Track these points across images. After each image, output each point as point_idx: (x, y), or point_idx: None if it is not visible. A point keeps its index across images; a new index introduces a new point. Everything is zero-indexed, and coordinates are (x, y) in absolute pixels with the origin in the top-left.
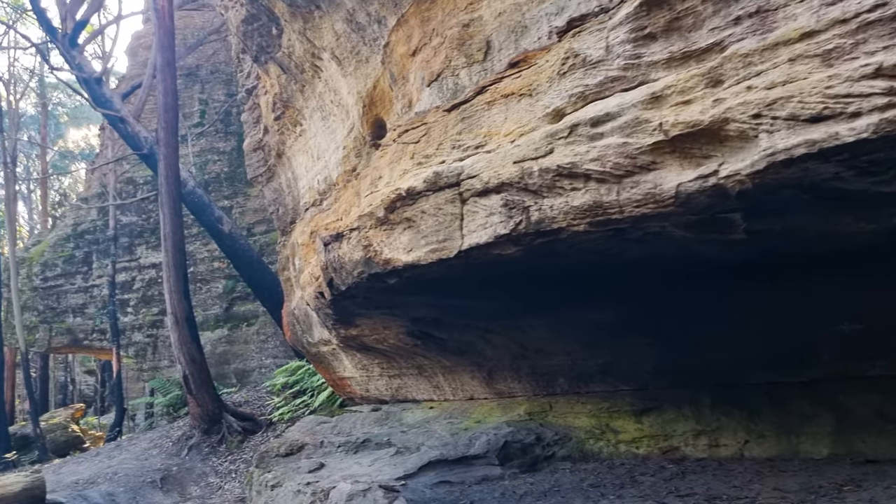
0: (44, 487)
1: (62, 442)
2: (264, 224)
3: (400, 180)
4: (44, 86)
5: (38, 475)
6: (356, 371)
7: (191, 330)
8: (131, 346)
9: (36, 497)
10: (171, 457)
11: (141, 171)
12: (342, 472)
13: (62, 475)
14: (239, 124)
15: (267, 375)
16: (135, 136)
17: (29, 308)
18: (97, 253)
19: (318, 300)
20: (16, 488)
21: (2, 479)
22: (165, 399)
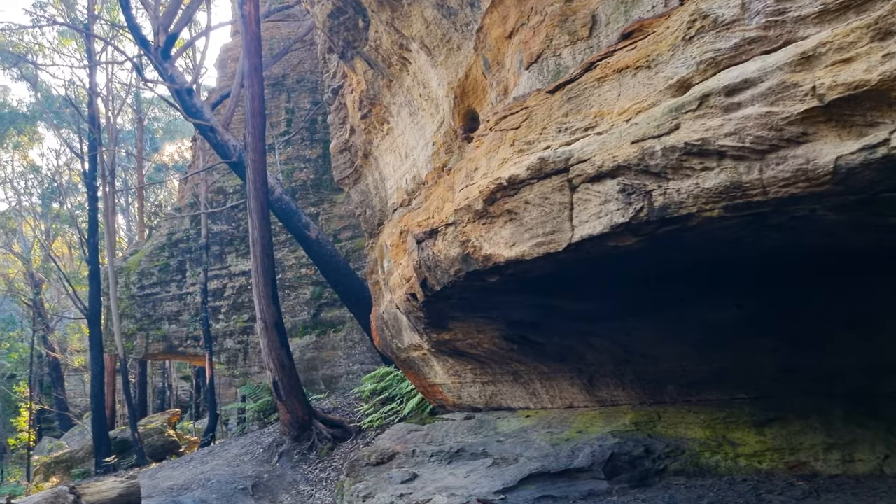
0: (139, 493)
1: (159, 446)
2: (350, 230)
3: (499, 170)
4: (140, 101)
5: (133, 481)
6: (448, 377)
7: (280, 336)
8: (223, 353)
9: (131, 503)
10: (262, 463)
11: (231, 181)
12: (436, 483)
13: (158, 480)
14: (324, 132)
15: (355, 382)
16: (224, 144)
17: (127, 316)
18: (190, 261)
19: (409, 303)
20: (112, 494)
21: (98, 486)
22: (256, 405)
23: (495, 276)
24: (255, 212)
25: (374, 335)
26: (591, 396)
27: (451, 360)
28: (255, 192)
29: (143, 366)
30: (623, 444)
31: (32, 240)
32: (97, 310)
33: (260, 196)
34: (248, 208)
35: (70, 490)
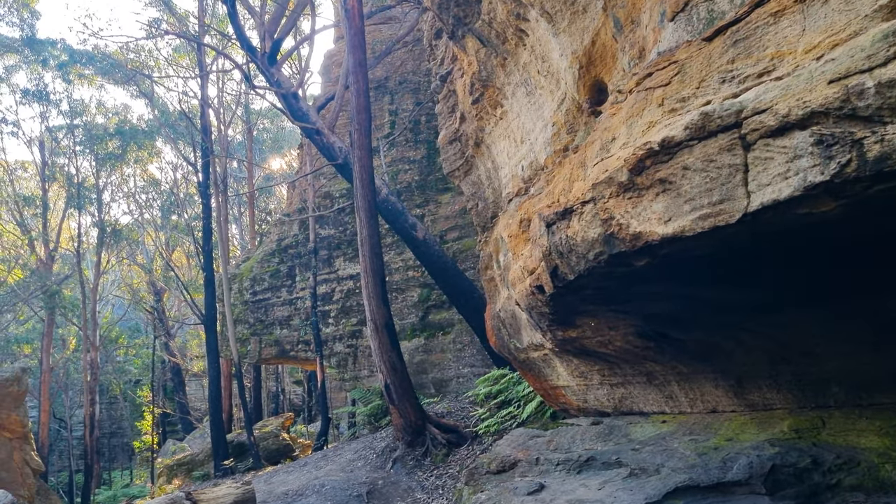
0: (254, 500)
1: (274, 450)
2: (457, 231)
3: (646, 135)
4: (249, 112)
5: (248, 487)
6: (572, 379)
7: (390, 337)
8: (333, 357)
9: None
10: (376, 469)
11: (337, 185)
12: (567, 496)
13: (273, 485)
14: (428, 132)
15: (465, 385)
16: (329, 146)
17: (241, 321)
18: (299, 266)
19: (533, 297)
20: (228, 501)
21: (214, 492)
22: (367, 409)
23: (644, 258)
24: (362, 210)
25: (488, 335)
26: (740, 400)
27: (575, 360)
28: (363, 189)
29: (257, 370)
30: (785, 455)
31: (153, 251)
32: (213, 316)
33: (367, 194)
34: (356, 207)
35: (186, 496)
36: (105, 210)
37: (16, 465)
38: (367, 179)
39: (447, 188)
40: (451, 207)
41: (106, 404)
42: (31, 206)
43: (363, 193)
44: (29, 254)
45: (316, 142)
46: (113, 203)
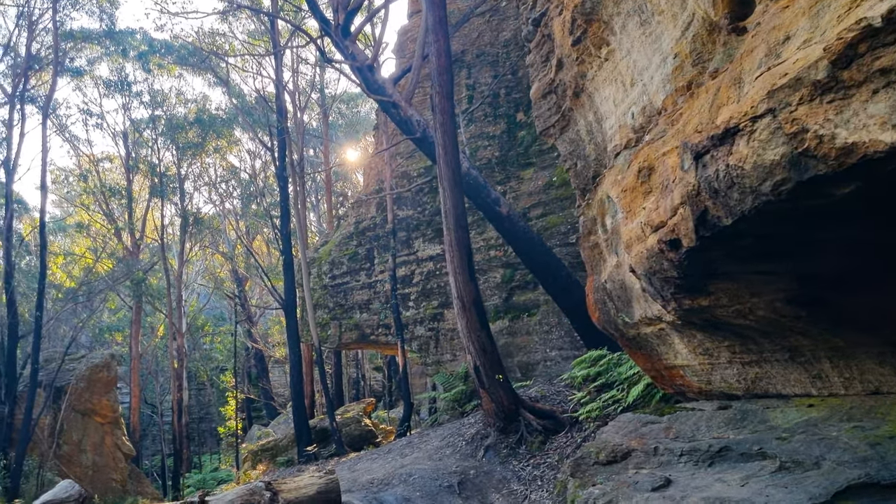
0: (338, 490)
1: (356, 435)
2: (540, 207)
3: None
4: (324, 97)
5: (331, 476)
6: (694, 357)
7: (479, 315)
8: (414, 340)
9: (331, 501)
10: (467, 458)
11: (414, 164)
12: (702, 493)
13: (357, 473)
14: (507, 106)
15: (553, 369)
16: (407, 120)
17: (321, 306)
18: (378, 248)
19: (657, 258)
20: (310, 491)
21: (296, 481)
22: (450, 394)
23: (851, 183)
24: (445, 179)
25: (590, 310)
26: None
27: (700, 334)
28: (445, 157)
29: (337, 356)
30: None
31: (235, 239)
32: (292, 300)
33: (450, 161)
34: (438, 176)
35: (266, 486)
36: (187, 199)
37: (108, 448)
38: (449, 146)
39: (529, 163)
40: (533, 183)
41: (195, 390)
42: (117, 197)
43: (446, 161)
44: (116, 243)
45: (392, 115)
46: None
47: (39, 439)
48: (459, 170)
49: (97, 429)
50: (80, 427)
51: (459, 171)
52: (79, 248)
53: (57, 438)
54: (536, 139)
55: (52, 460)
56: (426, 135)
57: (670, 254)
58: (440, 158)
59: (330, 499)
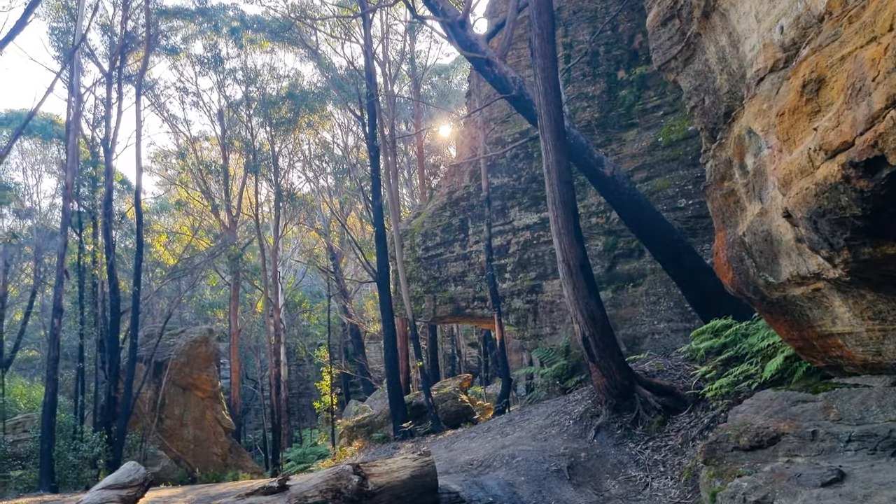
0: (434, 474)
1: (453, 412)
2: (644, 170)
3: None
4: (414, 67)
5: (426, 458)
6: (860, 322)
7: (587, 280)
8: (511, 314)
9: (426, 486)
10: (575, 438)
11: (509, 130)
12: (893, 490)
13: (454, 452)
14: (607, 64)
15: (661, 342)
16: (502, 77)
17: (414, 279)
18: (472, 218)
19: (833, 193)
20: (403, 475)
21: (388, 464)
22: (550, 370)
23: None
24: (547, 131)
25: (721, 271)
26: None
27: (871, 294)
28: (546, 105)
29: (433, 331)
30: None
31: (329, 216)
32: (385, 273)
33: (552, 110)
34: (540, 127)
35: (354, 470)
36: (282, 176)
37: (208, 423)
38: (551, 93)
39: (632, 124)
40: (637, 145)
41: (294, 366)
42: (214, 175)
43: (547, 110)
44: (214, 220)
45: (486, 74)
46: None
47: (141, 413)
48: (562, 119)
49: (198, 403)
50: (181, 401)
51: (562, 121)
52: (182, 227)
53: (159, 413)
54: (639, 98)
55: (154, 434)
56: (522, 92)
57: (860, 182)
58: (540, 108)
59: (425, 483)
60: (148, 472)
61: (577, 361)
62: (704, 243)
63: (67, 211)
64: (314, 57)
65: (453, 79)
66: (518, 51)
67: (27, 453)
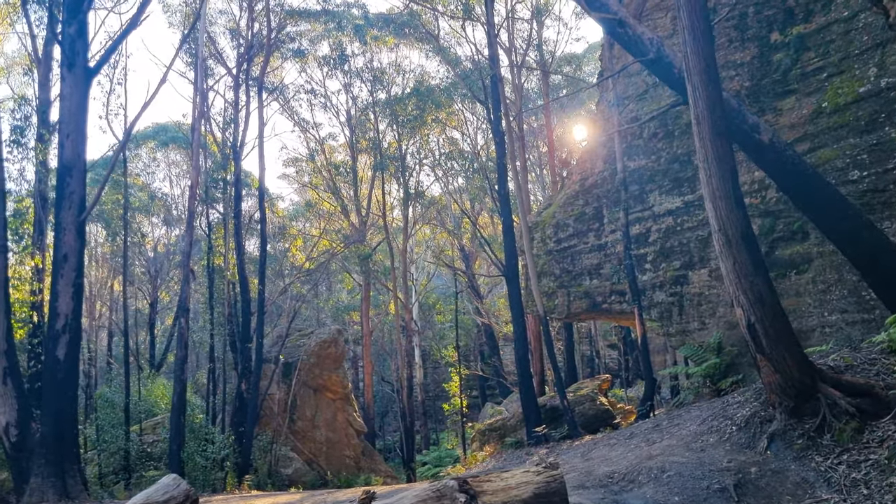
0: (564, 492)
1: (591, 415)
2: (807, 141)
3: None
4: (542, 53)
5: (553, 473)
6: None
7: (751, 253)
8: (653, 308)
9: None
10: (741, 449)
11: (646, 106)
12: None
13: (592, 462)
14: (758, 27)
15: (834, 336)
16: (637, 39)
17: (545, 273)
18: (607, 206)
19: None
20: (524, 493)
21: (504, 479)
22: (701, 368)
23: None
24: (695, 73)
25: None
26: None
27: None
28: (693, 42)
29: (568, 330)
30: None
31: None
32: (514, 266)
33: (700, 49)
34: (685, 69)
35: (460, 486)
36: (409, 175)
37: (340, 425)
38: (698, 27)
39: (789, 91)
40: (796, 113)
41: (430, 368)
42: (342, 176)
43: (694, 49)
44: (343, 222)
45: (619, 36)
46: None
47: (272, 415)
48: (713, 59)
49: (329, 405)
50: (312, 403)
51: (714, 61)
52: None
53: (290, 414)
54: (797, 61)
55: (286, 436)
56: (661, 54)
57: None
58: (687, 46)
59: (552, 503)
60: (191, 488)
61: (731, 359)
62: (884, 220)
63: (192, 210)
64: (438, 52)
65: (584, 68)
66: (654, 20)
67: (161, 454)
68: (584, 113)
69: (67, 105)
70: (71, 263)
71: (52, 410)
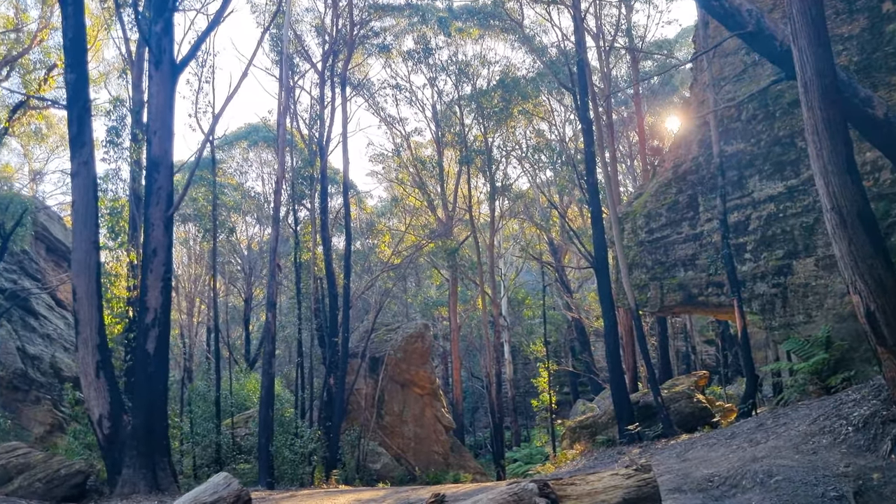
0: (657, 498)
1: (687, 413)
2: None
3: None
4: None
5: (646, 476)
6: None
7: (869, 233)
8: (754, 300)
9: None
10: (860, 453)
11: (743, 87)
12: None
13: (689, 464)
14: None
15: None
16: (734, 11)
17: (637, 265)
18: (702, 193)
19: None
20: (612, 498)
21: (590, 482)
22: (807, 364)
23: None
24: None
25: None
26: None
27: None
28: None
29: (662, 326)
30: None
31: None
32: (603, 257)
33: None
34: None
35: (540, 490)
36: (496, 168)
37: (428, 420)
38: None
39: None
40: None
41: (521, 364)
42: (428, 171)
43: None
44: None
45: (713, 10)
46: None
47: (360, 409)
48: (823, 17)
49: (416, 400)
50: (399, 398)
51: (823, 20)
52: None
53: (377, 409)
54: None
55: (373, 431)
56: (761, 26)
57: None
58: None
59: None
60: (244, 488)
61: (841, 354)
62: None
63: (278, 205)
64: (524, 41)
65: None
66: None
67: (251, 447)
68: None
69: (155, 102)
70: (160, 258)
71: (142, 403)
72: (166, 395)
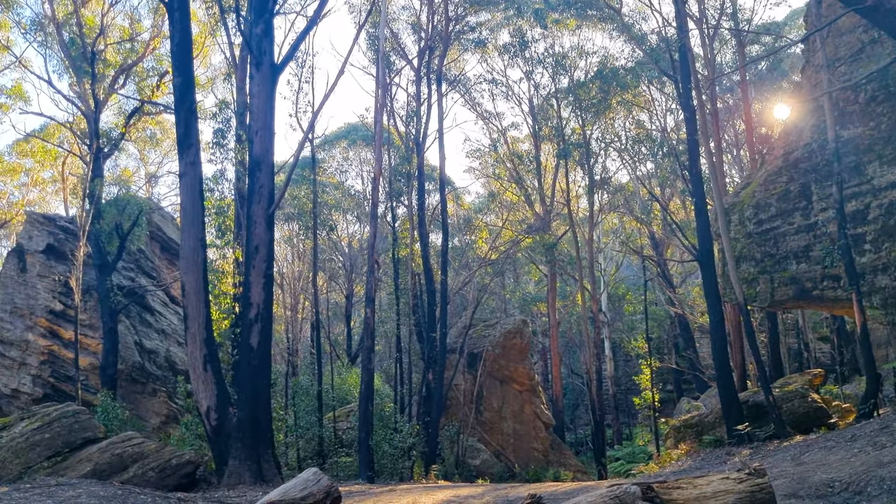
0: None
1: (801, 413)
2: None
3: None
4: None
5: (759, 481)
6: None
7: None
8: (874, 294)
9: None
10: None
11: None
12: None
13: (805, 467)
14: None
15: None
16: None
17: (745, 258)
18: (815, 181)
19: None
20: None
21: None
22: None
23: None
24: None
25: None
26: None
27: None
28: None
29: (772, 321)
30: None
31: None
32: (708, 249)
33: None
34: None
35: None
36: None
37: (527, 416)
38: None
39: None
40: None
41: (622, 361)
42: (525, 165)
43: None
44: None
45: None
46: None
47: (458, 405)
48: None
49: (515, 396)
50: (498, 394)
51: None
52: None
53: (476, 405)
54: None
55: (472, 426)
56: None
57: None
58: None
59: None
60: (333, 483)
61: None
62: None
63: (376, 202)
64: (623, 29)
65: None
66: None
67: (351, 440)
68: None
69: (256, 102)
70: (261, 255)
71: (247, 396)
72: (269, 389)
